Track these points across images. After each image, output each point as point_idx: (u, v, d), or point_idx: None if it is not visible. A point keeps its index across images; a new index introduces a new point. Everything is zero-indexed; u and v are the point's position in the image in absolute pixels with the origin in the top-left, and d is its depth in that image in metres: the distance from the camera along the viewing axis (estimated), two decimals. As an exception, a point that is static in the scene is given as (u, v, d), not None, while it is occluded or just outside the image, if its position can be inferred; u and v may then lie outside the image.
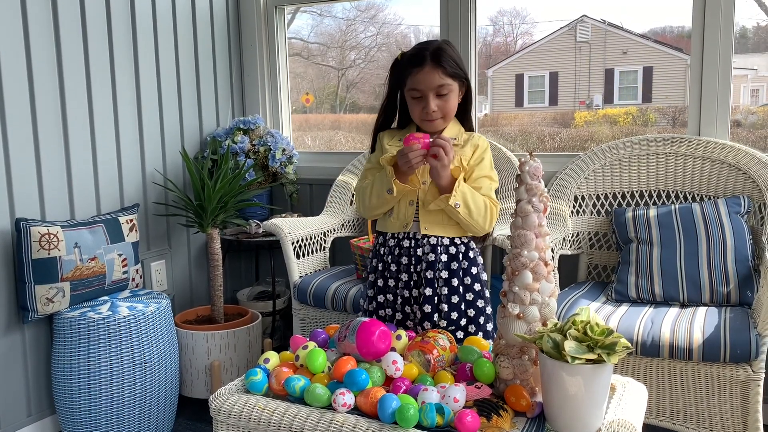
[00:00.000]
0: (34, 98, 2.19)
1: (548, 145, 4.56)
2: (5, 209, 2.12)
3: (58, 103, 2.27)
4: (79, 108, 2.34)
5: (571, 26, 5.48)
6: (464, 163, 1.69)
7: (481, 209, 1.67)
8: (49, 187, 2.25)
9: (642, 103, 5.40)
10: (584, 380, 1.20)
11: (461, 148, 1.71)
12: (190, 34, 2.83)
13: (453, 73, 1.68)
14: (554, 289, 1.37)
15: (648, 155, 2.32)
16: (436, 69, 1.66)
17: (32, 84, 2.18)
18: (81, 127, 2.35)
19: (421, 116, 1.70)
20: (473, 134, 1.76)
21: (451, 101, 1.70)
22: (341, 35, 4.26)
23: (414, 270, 1.72)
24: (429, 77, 1.66)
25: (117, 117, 2.49)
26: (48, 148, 2.24)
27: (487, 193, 1.70)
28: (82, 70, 2.35)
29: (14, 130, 2.14)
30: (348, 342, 1.45)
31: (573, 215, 2.35)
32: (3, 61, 2.09)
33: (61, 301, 2.13)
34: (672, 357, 1.77)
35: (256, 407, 1.35)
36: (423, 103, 1.68)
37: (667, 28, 4.89)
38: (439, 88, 1.67)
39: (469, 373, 1.41)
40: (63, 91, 2.28)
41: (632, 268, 2.11)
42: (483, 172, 1.71)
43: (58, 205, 2.28)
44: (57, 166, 2.28)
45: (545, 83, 6.07)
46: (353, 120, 4.86)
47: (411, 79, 1.69)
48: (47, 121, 2.24)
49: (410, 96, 1.71)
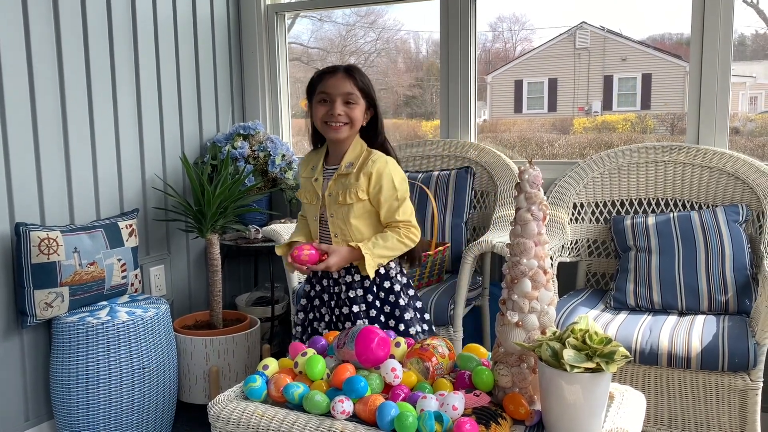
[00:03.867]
0: (35, 103, 2.20)
1: (547, 151, 4.57)
2: (5, 214, 2.12)
3: (58, 107, 2.28)
4: (79, 113, 2.34)
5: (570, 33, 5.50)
6: (360, 195, 1.73)
7: (397, 246, 1.75)
8: (49, 192, 2.25)
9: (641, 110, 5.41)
10: (583, 389, 1.21)
11: (355, 180, 1.74)
12: (191, 39, 2.84)
13: (362, 88, 1.76)
14: (553, 298, 1.37)
15: (647, 163, 2.32)
16: (347, 78, 1.75)
17: (33, 89, 2.19)
18: (81, 132, 2.36)
19: (325, 118, 1.75)
20: (370, 155, 1.77)
21: (357, 111, 1.76)
22: (341, 40, 4.27)
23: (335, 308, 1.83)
24: (339, 83, 1.75)
25: (117, 122, 2.49)
26: (48, 153, 2.24)
27: (395, 218, 1.75)
28: (83, 75, 2.36)
29: (15, 134, 2.14)
30: (347, 349, 1.45)
31: (572, 223, 2.36)
32: (4, 65, 2.10)
33: (60, 306, 2.13)
34: (670, 365, 1.77)
35: (255, 414, 1.35)
36: (329, 106, 1.75)
37: (666, 35, 4.91)
38: (347, 95, 1.74)
39: (467, 381, 1.41)
40: (64, 96, 2.29)
41: (631, 276, 2.11)
42: (384, 197, 1.74)
43: (58, 210, 2.28)
44: (57, 170, 2.28)
45: (544, 89, 6.08)
46: (353, 125, 4.85)
47: (321, 85, 1.77)
48: (48, 126, 2.24)
49: (318, 100, 1.77)
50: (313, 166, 1.86)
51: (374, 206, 1.76)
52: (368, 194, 1.74)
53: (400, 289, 1.81)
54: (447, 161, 2.67)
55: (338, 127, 1.75)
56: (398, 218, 1.75)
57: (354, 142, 1.80)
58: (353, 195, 1.74)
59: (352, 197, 1.74)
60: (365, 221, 1.77)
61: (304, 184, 1.87)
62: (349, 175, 1.75)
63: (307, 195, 1.85)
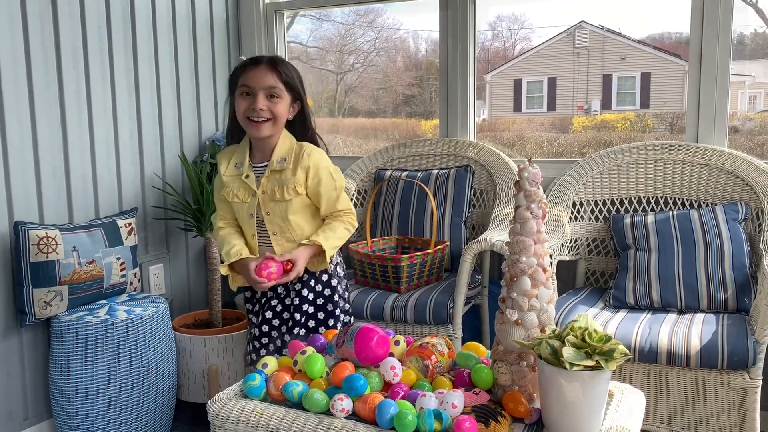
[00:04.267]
0: (33, 101, 2.19)
1: (546, 150, 4.57)
2: (3, 212, 2.12)
3: (57, 105, 2.27)
4: (78, 111, 2.34)
5: (569, 32, 5.50)
6: (299, 190, 1.71)
7: (345, 235, 1.77)
8: (48, 191, 2.25)
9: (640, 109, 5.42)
10: (582, 387, 1.21)
11: (292, 174, 1.71)
12: (190, 37, 2.84)
13: (287, 81, 1.70)
14: (553, 296, 1.37)
15: (646, 162, 2.33)
16: (270, 71, 1.68)
17: (31, 87, 2.18)
18: (79, 131, 2.35)
19: (247, 113, 1.69)
20: (303, 149, 1.74)
21: (280, 107, 1.70)
22: (340, 39, 4.27)
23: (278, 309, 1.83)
24: (262, 75, 1.68)
25: (116, 120, 2.49)
26: (46, 152, 2.24)
27: (336, 208, 1.76)
28: (82, 73, 2.35)
29: (13, 133, 2.14)
30: (346, 347, 1.45)
31: (571, 221, 2.36)
32: (2, 64, 2.09)
33: (59, 305, 2.13)
34: (670, 363, 1.77)
35: (254, 412, 1.35)
36: (251, 100, 1.68)
37: (665, 35, 4.92)
38: (270, 89, 1.68)
39: (467, 379, 1.41)
40: (62, 94, 2.28)
41: (630, 274, 2.11)
42: (324, 189, 1.73)
43: (57, 209, 2.28)
44: (56, 169, 2.28)
45: (543, 88, 6.09)
46: (352, 124, 4.86)
47: (243, 77, 1.70)
48: (46, 124, 2.24)
49: (240, 93, 1.70)
50: (236, 163, 1.79)
51: (312, 199, 1.75)
52: (306, 188, 1.73)
53: (337, 284, 1.83)
54: (446, 160, 2.67)
55: (260, 124, 1.69)
56: (339, 207, 1.76)
57: (282, 136, 1.76)
58: (291, 191, 1.71)
59: (290, 193, 1.71)
60: (303, 216, 1.76)
61: (231, 183, 1.78)
62: (284, 170, 1.71)
63: (239, 194, 1.77)
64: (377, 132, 4.68)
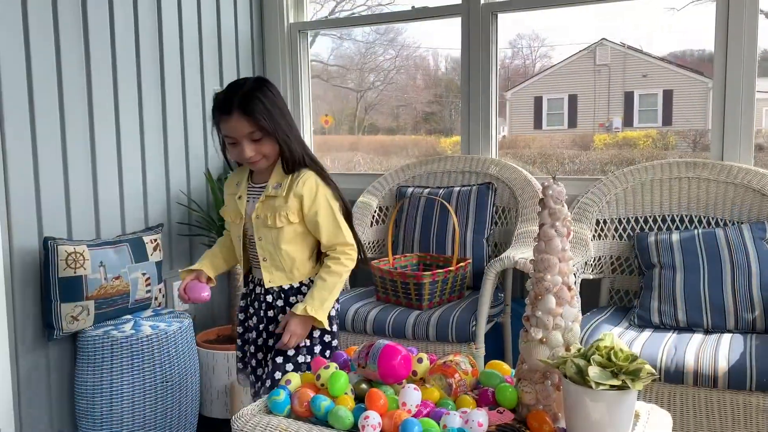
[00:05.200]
0: (64, 119, 2.24)
1: (568, 167, 4.56)
2: (33, 228, 2.16)
3: (86, 123, 2.32)
4: (106, 129, 2.39)
5: (590, 49, 5.50)
6: (291, 218, 1.66)
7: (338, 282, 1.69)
8: (76, 207, 2.29)
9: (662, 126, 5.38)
10: (608, 406, 1.20)
11: (284, 202, 1.66)
12: (216, 56, 2.89)
13: (263, 127, 1.62)
14: (577, 314, 1.37)
15: (670, 179, 2.31)
16: (243, 118, 1.61)
17: (62, 105, 2.24)
18: (108, 148, 2.40)
19: (241, 160, 1.70)
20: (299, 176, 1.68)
21: (267, 147, 1.65)
22: (360, 58, 4.31)
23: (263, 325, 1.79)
24: (238, 125, 1.62)
25: (143, 138, 2.54)
26: (76, 169, 2.29)
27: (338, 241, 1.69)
28: (110, 92, 2.41)
29: (44, 150, 2.19)
30: (369, 369, 1.45)
31: (594, 239, 2.34)
32: (35, 82, 2.15)
33: (85, 320, 2.16)
34: (696, 384, 1.74)
35: (279, 429, 1.36)
36: (238, 148, 1.65)
37: (688, 52, 4.89)
38: (250, 134, 1.63)
39: (491, 398, 1.41)
40: (91, 112, 2.34)
41: (655, 293, 2.09)
42: (323, 220, 1.67)
43: (85, 225, 2.32)
44: (84, 186, 2.32)
45: (564, 106, 6.08)
46: (372, 141, 4.89)
47: (222, 126, 1.66)
48: (76, 142, 2.29)
49: (226, 141, 1.68)
50: (237, 182, 1.77)
51: (310, 229, 1.70)
52: (301, 216, 1.68)
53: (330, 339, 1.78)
54: (468, 177, 2.68)
55: (255, 163, 1.67)
56: (339, 240, 1.69)
57: (279, 162, 1.70)
58: (283, 218, 1.66)
59: (282, 220, 1.66)
60: (296, 246, 1.71)
61: (228, 201, 1.79)
62: (277, 197, 1.67)
63: (231, 213, 1.76)
64: (397, 149, 4.71)
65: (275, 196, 1.67)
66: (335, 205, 1.70)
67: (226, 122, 1.64)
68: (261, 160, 1.66)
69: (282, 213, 1.66)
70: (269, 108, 1.63)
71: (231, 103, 1.62)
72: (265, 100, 1.63)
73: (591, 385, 1.18)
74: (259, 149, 1.64)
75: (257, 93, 1.63)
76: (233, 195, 1.76)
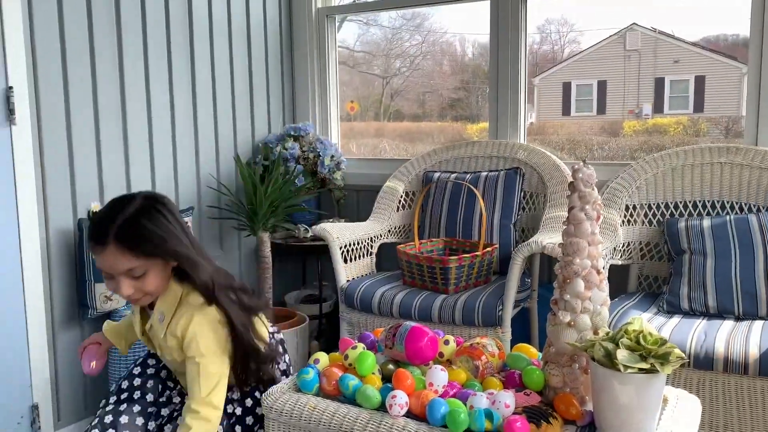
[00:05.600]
0: (98, 104, 2.29)
1: (597, 154, 4.51)
2: (68, 210, 2.22)
3: (119, 109, 2.37)
4: (138, 113, 2.43)
5: (620, 34, 5.41)
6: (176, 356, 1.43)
7: None
8: (109, 189, 2.34)
9: (693, 113, 5.28)
10: (637, 390, 1.19)
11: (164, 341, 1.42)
12: (245, 42, 2.91)
13: (147, 252, 1.32)
14: (606, 298, 1.36)
15: (702, 165, 2.27)
16: (119, 251, 1.30)
17: (96, 89, 2.28)
18: (140, 132, 2.44)
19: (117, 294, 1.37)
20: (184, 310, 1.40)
21: (151, 280, 1.35)
22: (387, 44, 4.30)
23: None
24: (114, 261, 1.31)
25: (174, 122, 2.58)
26: (109, 152, 2.33)
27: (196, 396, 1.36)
28: (142, 77, 2.44)
29: (78, 134, 2.24)
30: (396, 350, 1.47)
31: (624, 225, 2.32)
32: (69, 68, 2.19)
33: (118, 299, 2.21)
34: (726, 371, 1.73)
35: (308, 406, 1.38)
36: (115, 283, 1.35)
37: (721, 36, 4.79)
38: (129, 271, 1.33)
39: (517, 380, 1.41)
40: (124, 97, 2.38)
41: (685, 279, 2.07)
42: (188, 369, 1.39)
43: (117, 207, 2.37)
44: (117, 168, 2.37)
45: (593, 92, 6.00)
46: (397, 128, 4.89)
47: (96, 258, 1.35)
48: (109, 126, 2.33)
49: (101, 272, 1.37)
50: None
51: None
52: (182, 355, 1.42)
53: None
54: (495, 162, 2.67)
55: (136, 301, 1.41)
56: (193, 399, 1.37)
57: (167, 289, 1.41)
58: (168, 354, 1.45)
59: (168, 356, 1.46)
60: None
61: None
62: (158, 331, 1.43)
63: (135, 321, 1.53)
64: (423, 136, 4.70)
65: (157, 330, 1.43)
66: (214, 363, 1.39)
67: (100, 255, 1.32)
68: (143, 297, 1.38)
69: (165, 351, 1.45)
70: (152, 234, 1.32)
71: (106, 236, 1.30)
72: (153, 226, 1.33)
73: (619, 369, 1.18)
74: (140, 287, 1.35)
75: (142, 218, 1.32)
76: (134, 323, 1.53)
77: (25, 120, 2.07)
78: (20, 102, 2.05)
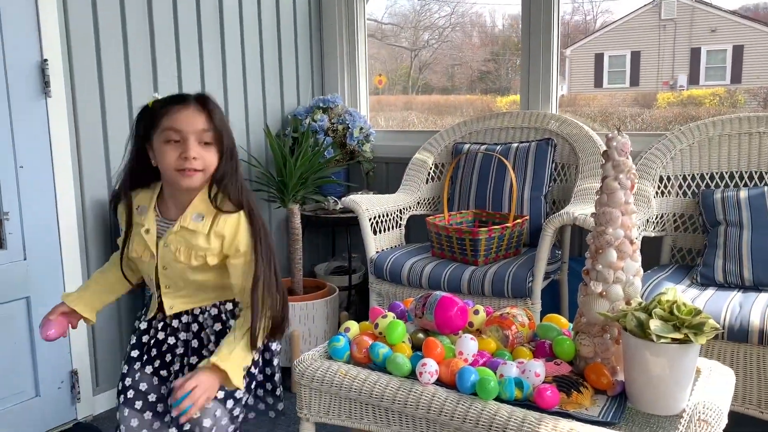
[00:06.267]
0: (129, 74, 2.32)
1: (630, 126, 4.43)
2: (103, 180, 2.26)
3: (150, 80, 2.39)
4: (169, 85, 2.46)
5: (655, 3, 5.28)
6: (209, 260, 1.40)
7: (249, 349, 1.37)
8: (143, 162, 2.38)
9: (730, 84, 5.15)
10: (669, 360, 1.19)
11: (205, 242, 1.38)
12: (274, 13, 2.90)
13: (218, 126, 1.37)
14: (639, 269, 1.35)
15: (740, 135, 2.22)
16: (201, 112, 1.36)
17: (127, 60, 2.31)
18: (171, 105, 2.47)
19: (177, 165, 1.35)
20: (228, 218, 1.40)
21: (212, 155, 1.37)
22: (415, 15, 4.25)
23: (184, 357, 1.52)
24: (193, 118, 1.35)
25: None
26: (141, 124, 2.37)
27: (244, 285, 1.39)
28: (173, 50, 2.46)
29: (112, 109, 2.27)
30: (426, 319, 1.48)
31: (657, 196, 2.28)
32: (102, 38, 2.22)
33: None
34: (762, 343, 1.70)
35: (339, 373, 1.40)
36: (182, 148, 1.34)
37: (761, 4, 4.63)
38: (202, 133, 1.35)
39: (548, 350, 1.41)
40: (155, 67, 2.40)
41: (720, 251, 2.03)
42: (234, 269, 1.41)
43: (150, 179, 2.41)
44: (149, 141, 2.41)
45: (626, 63, 5.87)
46: (425, 101, 4.86)
47: (168, 119, 1.35)
48: (141, 98, 2.35)
49: (165, 139, 1.35)
50: (139, 207, 1.46)
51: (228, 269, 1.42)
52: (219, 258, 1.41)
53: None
54: (527, 133, 2.63)
55: (192, 174, 1.36)
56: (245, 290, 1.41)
57: (203, 191, 1.41)
58: (200, 258, 1.40)
59: (198, 259, 1.40)
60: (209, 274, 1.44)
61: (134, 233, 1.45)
62: (197, 233, 1.39)
63: (137, 248, 1.44)
64: (451, 109, 4.66)
65: (194, 231, 1.39)
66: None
67: (178, 112, 1.35)
68: (200, 172, 1.37)
69: (199, 253, 1.40)
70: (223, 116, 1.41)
71: (187, 96, 1.39)
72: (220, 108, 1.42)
73: (652, 339, 1.17)
74: (203, 155, 1.36)
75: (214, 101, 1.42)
76: (139, 225, 1.44)
77: (60, 92, 2.11)
78: (55, 75, 2.08)
